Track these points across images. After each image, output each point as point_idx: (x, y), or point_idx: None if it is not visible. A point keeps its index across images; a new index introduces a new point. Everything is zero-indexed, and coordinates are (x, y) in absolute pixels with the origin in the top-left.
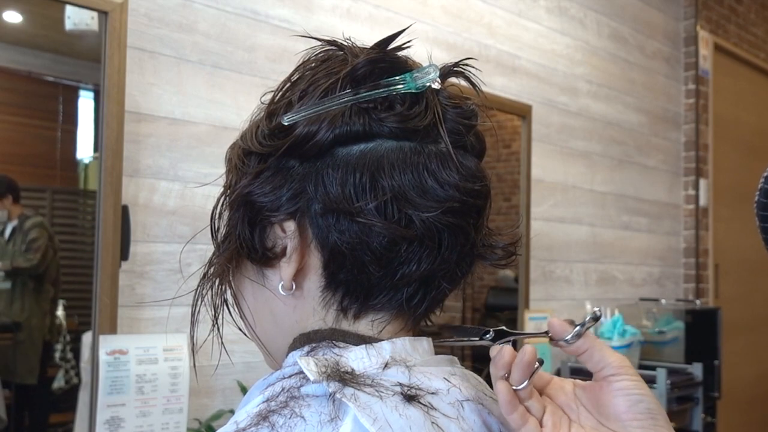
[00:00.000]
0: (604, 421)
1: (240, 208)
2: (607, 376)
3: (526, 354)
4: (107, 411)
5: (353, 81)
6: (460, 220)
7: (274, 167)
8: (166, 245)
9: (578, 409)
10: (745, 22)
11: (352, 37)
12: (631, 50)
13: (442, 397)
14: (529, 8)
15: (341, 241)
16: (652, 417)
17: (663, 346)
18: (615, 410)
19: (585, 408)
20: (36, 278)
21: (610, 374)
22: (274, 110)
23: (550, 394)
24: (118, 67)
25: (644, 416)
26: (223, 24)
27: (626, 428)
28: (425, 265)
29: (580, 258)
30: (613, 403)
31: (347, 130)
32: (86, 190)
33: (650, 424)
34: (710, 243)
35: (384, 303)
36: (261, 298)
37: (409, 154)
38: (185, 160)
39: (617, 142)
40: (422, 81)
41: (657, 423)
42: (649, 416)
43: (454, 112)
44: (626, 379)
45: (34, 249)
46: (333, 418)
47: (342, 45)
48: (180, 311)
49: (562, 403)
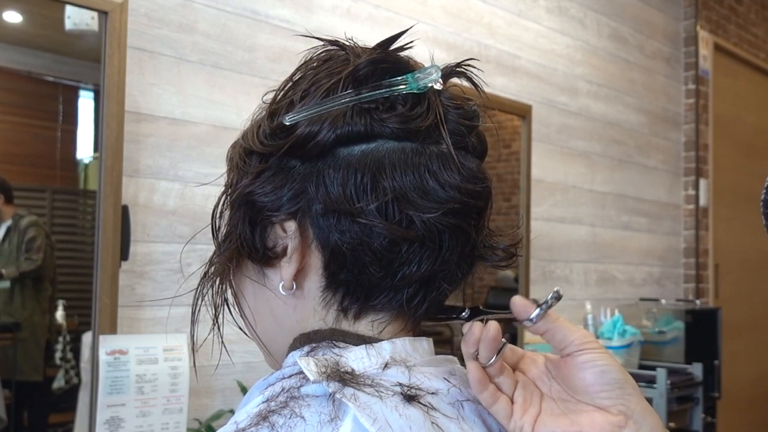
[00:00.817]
0: (574, 394)
1: (241, 208)
2: (572, 353)
3: (490, 331)
4: (107, 411)
5: (355, 81)
6: (461, 221)
7: (275, 167)
8: (166, 245)
9: (550, 382)
10: (745, 22)
11: (354, 37)
12: (631, 50)
13: (442, 397)
14: (529, 8)
15: (342, 242)
16: (620, 387)
17: (663, 346)
18: (582, 383)
19: (556, 381)
20: (34, 277)
21: (573, 351)
22: (276, 110)
23: (523, 369)
24: (118, 67)
25: (611, 386)
26: (223, 24)
27: (595, 400)
28: (426, 266)
29: (580, 258)
30: (580, 377)
31: (349, 131)
32: (86, 190)
33: (618, 394)
34: (710, 243)
35: (384, 303)
36: (261, 297)
37: (411, 154)
38: (185, 160)
39: (617, 142)
40: (424, 81)
41: (625, 392)
42: (616, 386)
43: (455, 113)
44: (590, 353)
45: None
46: (333, 418)
47: (344, 45)
48: (180, 311)
49: (534, 377)
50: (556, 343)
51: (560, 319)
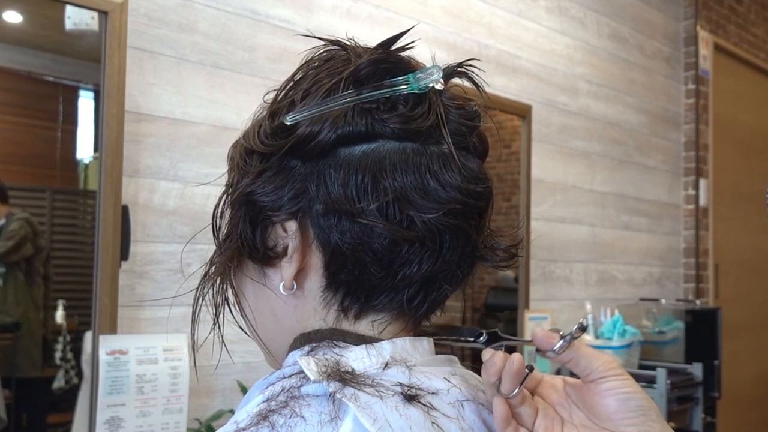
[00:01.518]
0: (597, 421)
1: (242, 207)
2: (595, 380)
3: (514, 363)
4: (107, 411)
5: (356, 81)
6: (462, 222)
7: (276, 167)
8: (166, 245)
9: (570, 408)
10: (745, 22)
11: (355, 37)
12: (631, 50)
13: (443, 397)
14: (529, 8)
15: (342, 242)
16: (643, 413)
17: (663, 346)
18: (605, 410)
19: (576, 406)
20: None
21: (597, 378)
22: (277, 109)
23: (542, 394)
24: (118, 67)
25: (635, 414)
26: (223, 24)
27: (618, 427)
28: (426, 266)
29: (580, 258)
30: (603, 404)
31: (350, 131)
32: (86, 190)
33: (641, 421)
34: (710, 243)
35: (385, 304)
36: (262, 297)
37: (412, 155)
38: (185, 160)
39: (617, 142)
40: (425, 82)
41: (648, 419)
42: (640, 413)
43: (457, 113)
44: (613, 380)
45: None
46: (333, 418)
47: (345, 45)
48: (180, 311)
49: (554, 402)
50: (580, 371)
51: (583, 347)
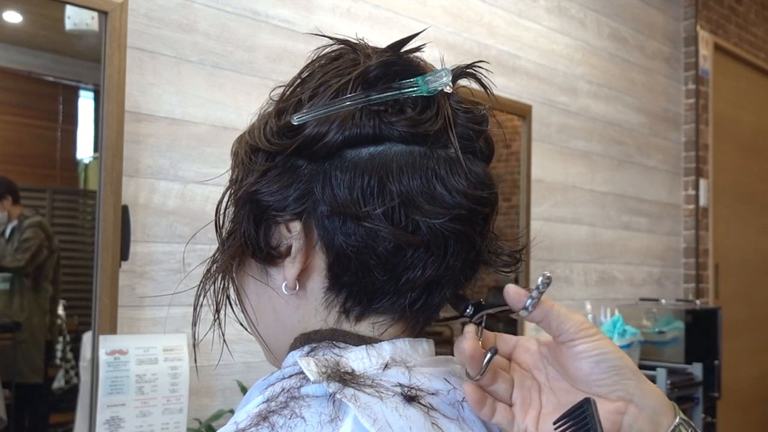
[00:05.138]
0: (572, 382)
1: (246, 206)
2: (566, 342)
3: (465, 351)
4: (107, 411)
5: (365, 83)
6: (467, 228)
7: (281, 166)
8: (166, 245)
9: (546, 369)
10: (745, 22)
11: (364, 37)
12: (631, 50)
13: (443, 397)
14: (529, 8)
15: (347, 244)
16: (617, 373)
17: (663, 346)
18: (579, 373)
19: (552, 367)
20: (33, 277)
21: (568, 340)
22: (284, 107)
23: (518, 359)
24: (118, 67)
25: (608, 374)
26: (223, 24)
27: (593, 388)
28: (430, 271)
29: (580, 258)
30: (576, 367)
31: (357, 133)
32: (86, 190)
33: (616, 380)
34: (710, 243)
35: (387, 307)
36: (264, 296)
37: (419, 158)
38: (185, 160)
39: (617, 142)
40: (435, 85)
41: (623, 377)
42: (613, 373)
43: (464, 117)
44: (584, 342)
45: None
46: (333, 418)
47: (354, 45)
48: (180, 311)
49: (530, 366)
50: (552, 331)
51: (556, 306)
